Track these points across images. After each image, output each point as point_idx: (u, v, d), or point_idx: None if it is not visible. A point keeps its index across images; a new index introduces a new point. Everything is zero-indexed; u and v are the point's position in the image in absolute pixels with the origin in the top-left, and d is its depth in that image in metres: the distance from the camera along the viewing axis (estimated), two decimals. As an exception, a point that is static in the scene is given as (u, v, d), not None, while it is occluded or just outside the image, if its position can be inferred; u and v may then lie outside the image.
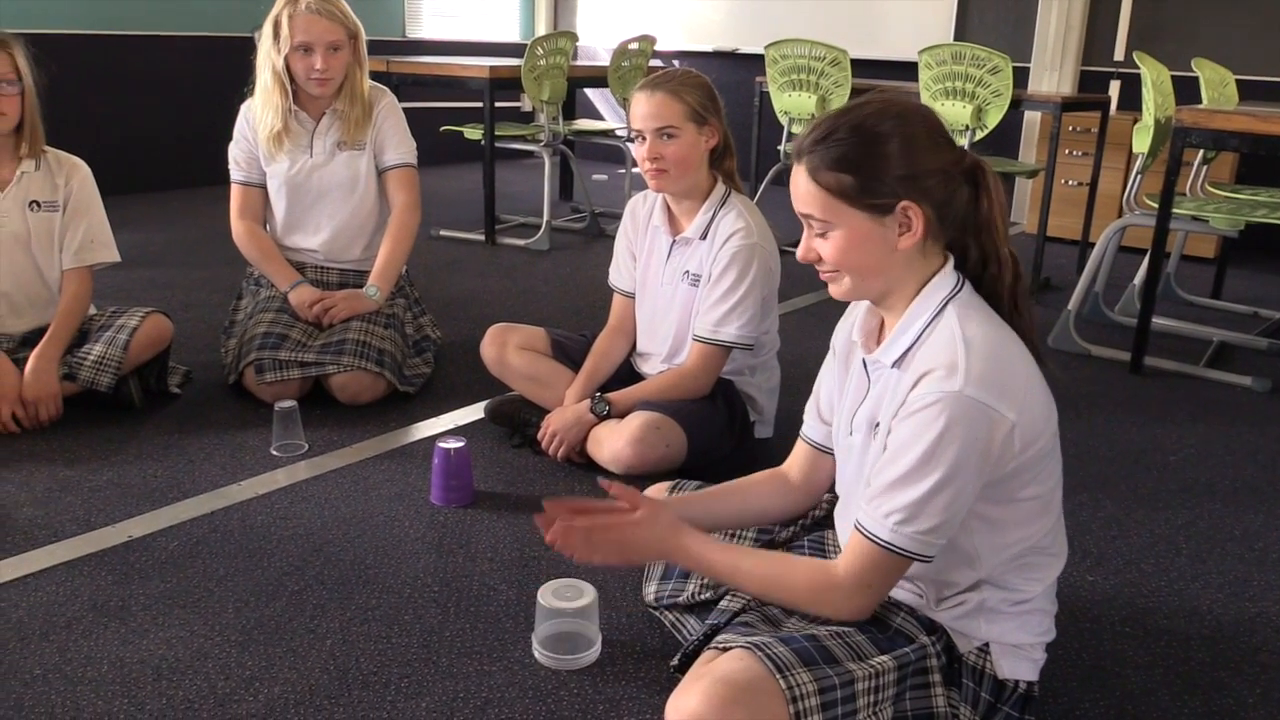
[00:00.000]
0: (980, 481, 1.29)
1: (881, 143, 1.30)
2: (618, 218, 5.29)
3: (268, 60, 2.75)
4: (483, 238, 4.80)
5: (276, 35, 2.70)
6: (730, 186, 2.33)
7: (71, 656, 1.63)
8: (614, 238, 2.56)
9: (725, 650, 1.33)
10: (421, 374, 2.80)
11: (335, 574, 1.89)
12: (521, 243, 4.75)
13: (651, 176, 2.25)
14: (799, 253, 1.39)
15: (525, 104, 7.47)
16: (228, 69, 5.89)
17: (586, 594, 1.66)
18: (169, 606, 1.77)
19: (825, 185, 1.31)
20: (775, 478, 1.65)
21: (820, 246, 1.36)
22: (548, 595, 1.65)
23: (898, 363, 1.35)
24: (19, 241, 2.60)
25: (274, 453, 2.39)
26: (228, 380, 2.72)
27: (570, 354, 2.50)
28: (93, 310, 2.70)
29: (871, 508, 1.32)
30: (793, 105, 4.59)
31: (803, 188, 1.34)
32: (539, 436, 2.35)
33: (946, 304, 1.34)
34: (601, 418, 2.29)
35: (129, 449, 2.40)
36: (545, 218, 4.77)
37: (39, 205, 2.62)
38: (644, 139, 2.22)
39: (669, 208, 2.37)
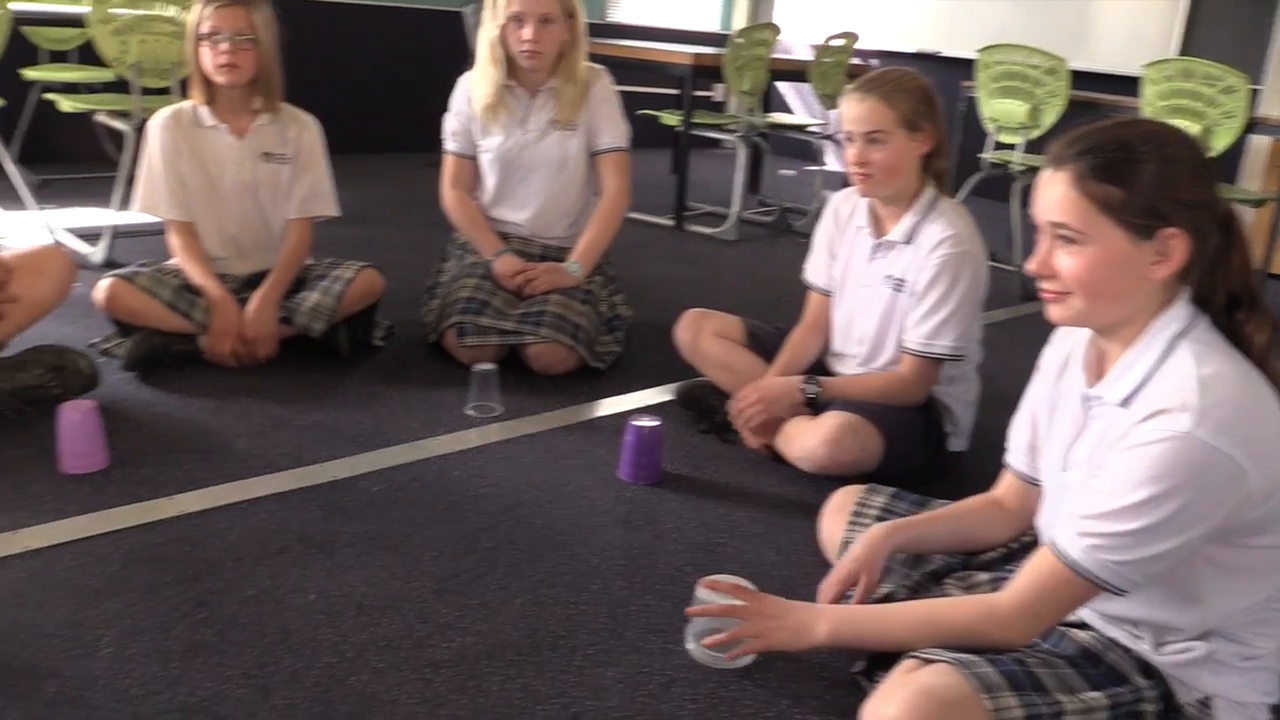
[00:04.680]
0: (1204, 530, 1.20)
1: (1155, 162, 1.22)
2: (805, 214, 5.32)
3: (486, 33, 2.82)
4: (671, 223, 4.83)
5: (494, 6, 2.77)
6: (939, 190, 2.26)
7: (281, 582, 1.72)
8: (801, 234, 2.53)
9: (928, 662, 1.29)
10: (612, 352, 2.83)
11: (526, 536, 1.93)
12: (709, 231, 4.75)
13: (858, 180, 2.20)
14: (1032, 264, 1.31)
15: (717, 94, 7.47)
16: (439, 42, 6.14)
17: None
18: (370, 547, 1.85)
19: (1090, 195, 1.24)
20: (991, 505, 1.61)
21: (1062, 261, 1.28)
22: (706, 590, 1.62)
23: (1125, 401, 1.28)
24: (249, 190, 2.76)
25: (468, 412, 2.46)
26: (427, 339, 2.82)
27: (765, 345, 2.48)
28: (309, 260, 2.84)
29: (1069, 527, 1.26)
30: (1002, 113, 4.43)
31: (1060, 195, 1.26)
32: (736, 405, 2.31)
33: (1179, 339, 1.25)
34: (809, 400, 2.25)
35: (335, 394, 2.52)
36: (735, 208, 4.76)
37: (270, 156, 2.76)
38: (852, 141, 2.17)
39: (872, 209, 2.32)
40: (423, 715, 1.43)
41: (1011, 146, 4.45)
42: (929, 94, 2.19)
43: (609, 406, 2.59)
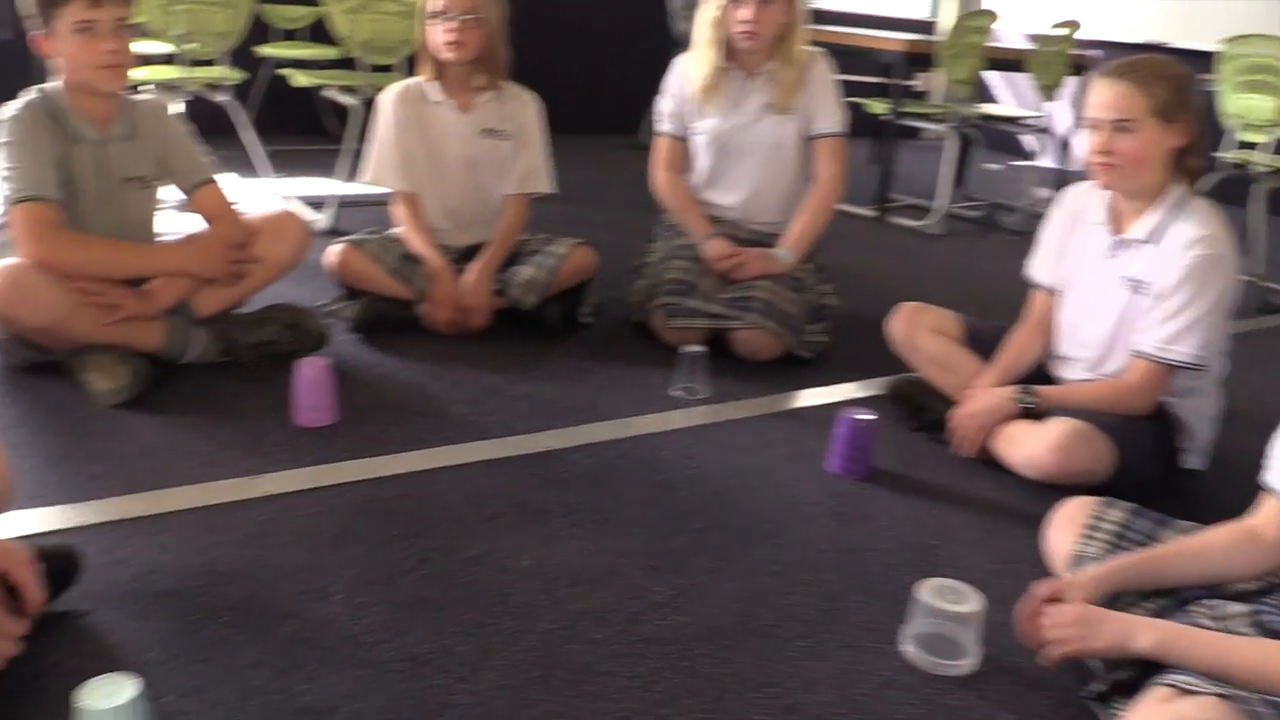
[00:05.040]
0: None
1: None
2: (1014, 211, 5.09)
3: (705, 13, 2.80)
4: (872, 214, 4.71)
5: None
6: (1188, 189, 2.10)
7: (498, 546, 1.76)
8: (1010, 231, 2.40)
9: (1189, 693, 1.19)
10: (819, 342, 2.77)
11: (735, 521, 1.91)
12: (912, 224, 4.61)
13: (1100, 171, 2.06)
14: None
15: (920, 83, 7.24)
16: (643, 25, 6.18)
17: (970, 601, 1.55)
18: (582, 519, 1.87)
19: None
20: (1245, 535, 1.47)
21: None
22: (928, 593, 1.56)
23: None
24: (471, 164, 2.84)
25: (674, 393, 2.46)
26: (632, 318, 2.83)
27: (984, 344, 2.37)
28: (524, 235, 2.89)
29: None
30: (1248, 109, 4.11)
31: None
32: (950, 424, 2.24)
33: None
34: (1025, 411, 2.15)
35: (544, 367, 2.56)
36: (942, 201, 4.60)
37: (491, 132, 2.84)
38: (1097, 129, 2.04)
39: (1112, 204, 2.17)
40: (636, 690, 1.44)
41: (1254, 145, 4.12)
42: (1187, 84, 2.04)
43: (814, 397, 2.54)
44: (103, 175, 2.29)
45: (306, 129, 5.25)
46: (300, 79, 3.99)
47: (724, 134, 2.85)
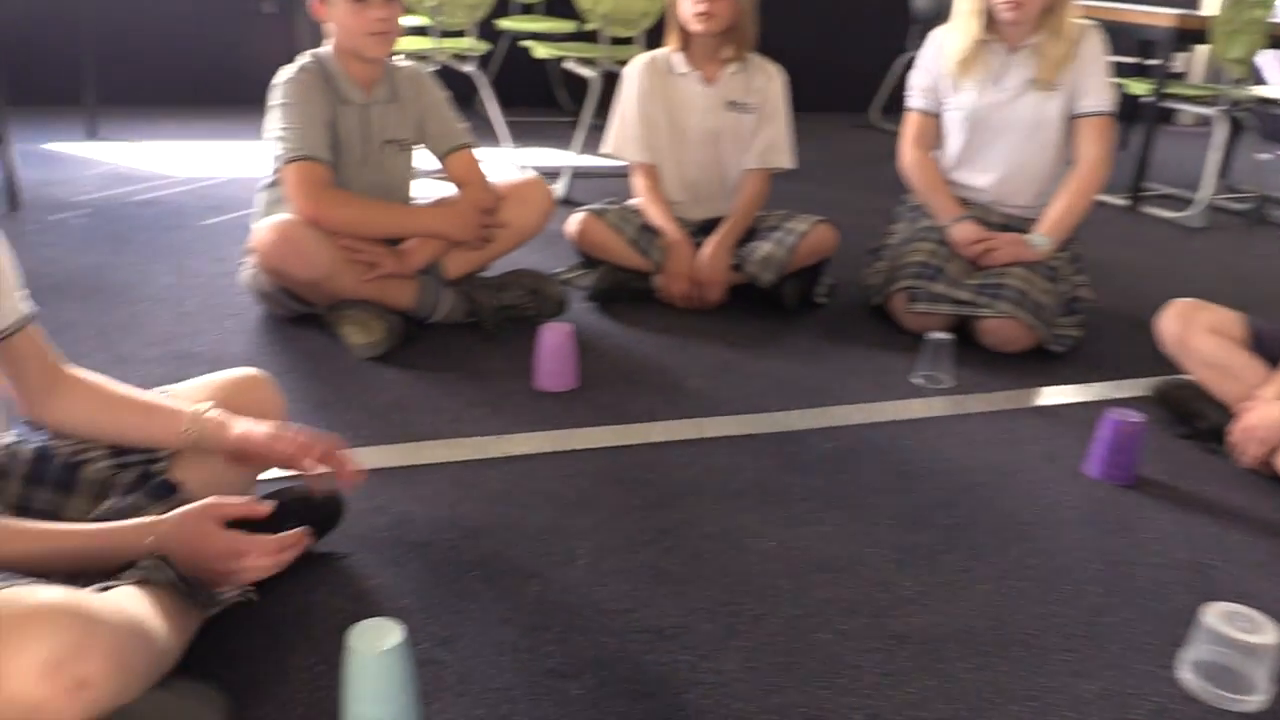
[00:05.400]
0: None
1: None
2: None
3: None
4: (1124, 203, 4.39)
5: None
6: None
7: (739, 525, 1.72)
8: None
9: None
10: (1071, 336, 2.59)
11: (987, 519, 1.80)
12: (1170, 215, 4.27)
13: None
14: None
15: (1177, 63, 6.70)
16: (876, 6, 5.98)
17: (1266, 631, 1.39)
18: (825, 504, 1.81)
19: None
20: None
21: None
22: (1217, 618, 1.41)
23: None
24: (712, 137, 2.80)
25: (915, 381, 2.35)
26: (869, 300, 2.74)
27: (1271, 349, 2.15)
28: (761, 211, 2.84)
29: None
30: None
31: None
32: (1229, 438, 2.04)
33: None
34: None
35: (780, 345, 2.51)
36: (1205, 192, 4.23)
37: (735, 105, 2.79)
38: None
39: None
40: (887, 687, 1.37)
41: None
42: None
43: (1065, 394, 2.38)
44: (366, 137, 2.38)
45: (539, 101, 5.37)
46: (541, 51, 4.07)
47: (980, 111, 2.69)
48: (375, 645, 1.17)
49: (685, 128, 2.80)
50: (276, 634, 1.38)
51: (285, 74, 2.32)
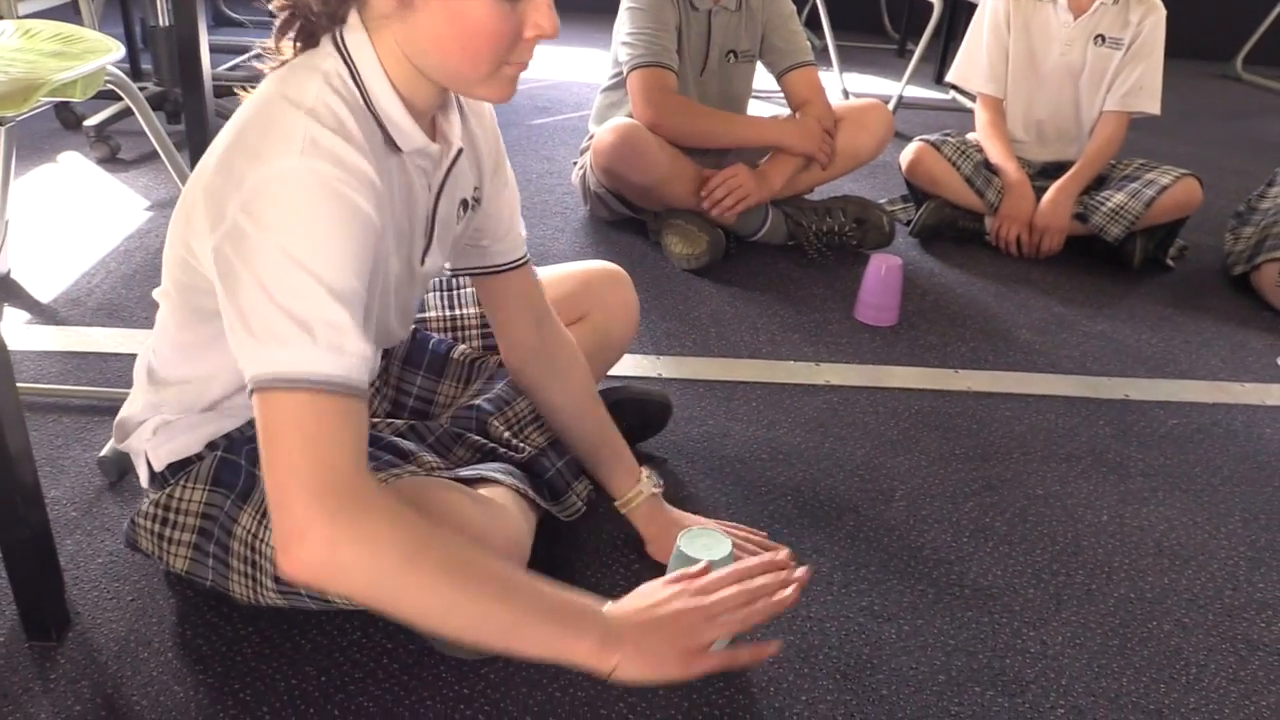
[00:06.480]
0: None
1: None
2: None
3: None
4: None
5: None
6: None
7: (1071, 491, 1.61)
8: None
9: None
10: None
11: (1363, 531, 1.60)
12: None
13: None
14: None
15: None
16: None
17: None
18: (1168, 485, 1.66)
19: None
20: None
21: None
22: None
23: None
24: (1071, 74, 2.58)
25: None
26: (1230, 269, 2.47)
27: None
28: (1114, 159, 2.61)
29: None
30: None
31: None
32: None
33: None
34: None
35: (1121, 307, 2.31)
36: None
37: (1104, 40, 2.55)
38: None
39: None
40: (1236, 696, 1.24)
41: None
42: None
43: None
44: (709, 45, 2.36)
45: (868, 28, 5.18)
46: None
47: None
48: (706, 554, 1.18)
49: (1042, 61, 2.59)
50: (577, 527, 1.42)
51: None
